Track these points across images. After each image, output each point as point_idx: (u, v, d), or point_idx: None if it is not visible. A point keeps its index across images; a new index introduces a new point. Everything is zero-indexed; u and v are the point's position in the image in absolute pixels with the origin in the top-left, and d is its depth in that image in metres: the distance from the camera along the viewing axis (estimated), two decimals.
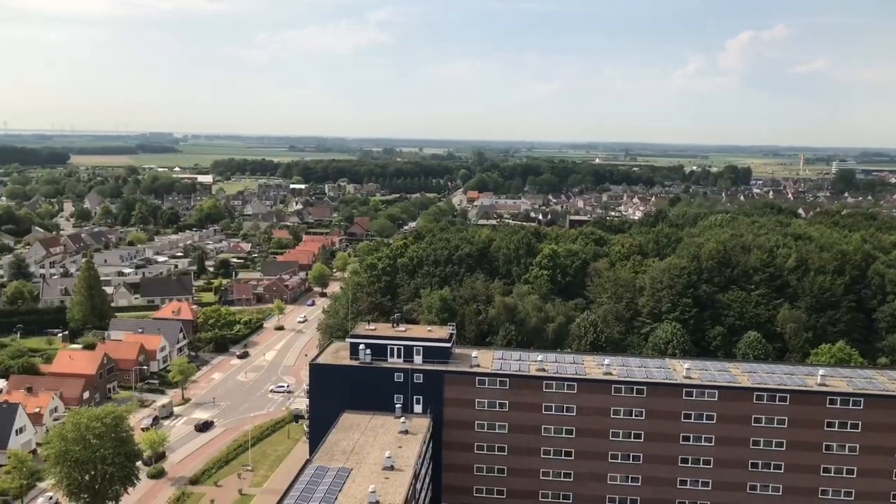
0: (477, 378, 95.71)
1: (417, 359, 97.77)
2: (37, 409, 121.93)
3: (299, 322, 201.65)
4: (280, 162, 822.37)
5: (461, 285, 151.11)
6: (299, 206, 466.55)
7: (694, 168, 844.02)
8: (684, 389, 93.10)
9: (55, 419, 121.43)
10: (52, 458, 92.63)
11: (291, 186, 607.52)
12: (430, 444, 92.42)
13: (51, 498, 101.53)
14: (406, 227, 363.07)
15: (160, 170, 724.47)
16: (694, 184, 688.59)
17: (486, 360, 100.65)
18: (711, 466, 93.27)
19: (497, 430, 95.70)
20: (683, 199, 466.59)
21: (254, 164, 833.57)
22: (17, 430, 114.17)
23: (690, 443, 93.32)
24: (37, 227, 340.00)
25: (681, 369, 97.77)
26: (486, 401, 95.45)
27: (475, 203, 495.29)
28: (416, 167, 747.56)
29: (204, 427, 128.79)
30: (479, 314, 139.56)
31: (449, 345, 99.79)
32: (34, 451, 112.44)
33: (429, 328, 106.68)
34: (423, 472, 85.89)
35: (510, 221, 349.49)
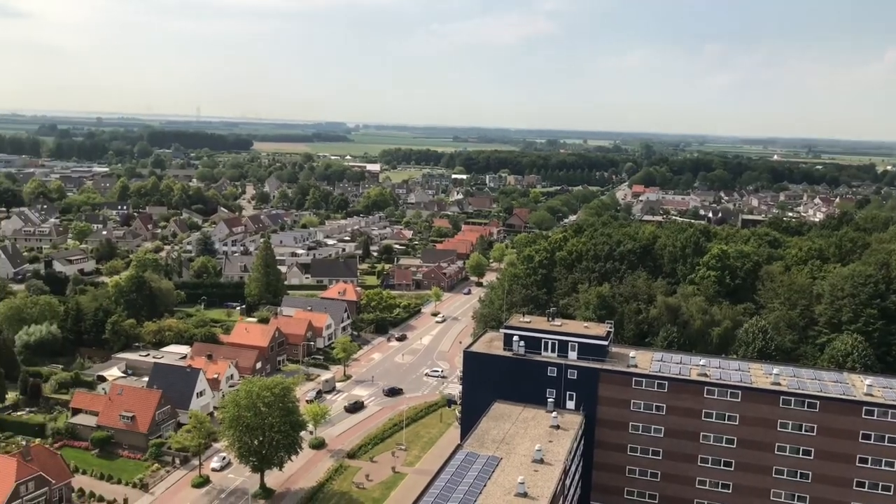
0: (634, 378, 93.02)
1: (572, 354, 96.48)
2: (215, 375, 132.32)
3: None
4: (444, 152, 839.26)
5: (621, 282, 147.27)
6: (460, 196, 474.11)
7: (888, 167, 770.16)
8: (864, 407, 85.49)
9: (230, 386, 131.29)
10: (227, 421, 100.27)
11: (453, 176, 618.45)
12: (582, 442, 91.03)
13: (224, 458, 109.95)
14: (566, 220, 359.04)
15: (333, 157, 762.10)
16: (887, 185, 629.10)
17: (644, 360, 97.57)
18: (892, 493, 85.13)
19: (652, 434, 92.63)
20: (874, 202, 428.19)
21: (419, 154, 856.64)
22: (198, 393, 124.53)
23: (868, 465, 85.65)
24: (222, 208, 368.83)
25: (861, 385, 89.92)
26: (642, 402, 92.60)
27: (640, 198, 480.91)
28: (579, 159, 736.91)
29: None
30: (640, 313, 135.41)
31: (606, 342, 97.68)
32: (211, 414, 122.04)
33: (585, 324, 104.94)
34: (573, 468, 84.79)
35: (677, 218, 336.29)
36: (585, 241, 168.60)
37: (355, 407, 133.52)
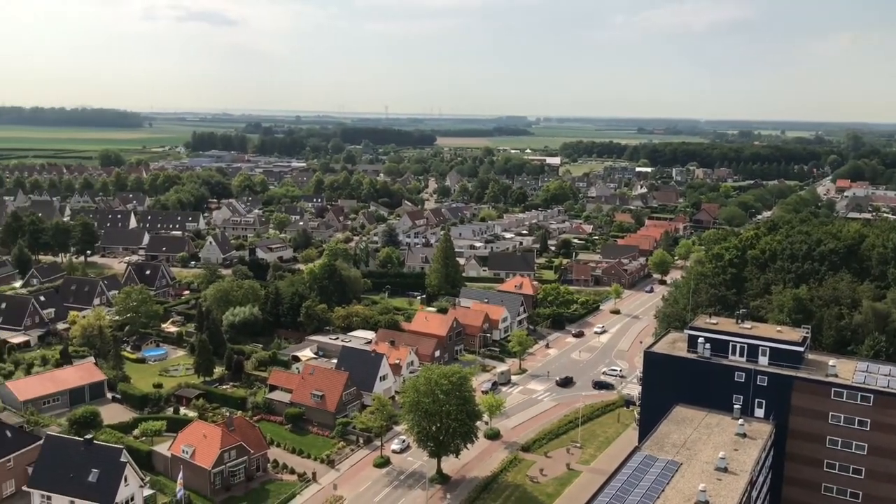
0: (833, 389, 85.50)
1: (763, 360, 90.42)
2: (397, 361, 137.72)
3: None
4: (627, 144, 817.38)
5: (821, 285, 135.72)
6: (644, 190, 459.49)
7: None
8: None
9: (411, 372, 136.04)
10: (407, 406, 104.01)
11: (637, 169, 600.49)
12: (771, 453, 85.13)
13: (404, 441, 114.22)
14: (759, 217, 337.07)
15: (513, 151, 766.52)
16: None
17: (846, 370, 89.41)
18: None
19: (854, 451, 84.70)
20: None
21: (601, 147, 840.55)
22: (381, 377, 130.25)
23: None
24: (406, 201, 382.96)
25: None
26: (842, 415, 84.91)
27: (845, 193, 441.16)
28: (775, 151, 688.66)
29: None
30: (842, 319, 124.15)
31: (802, 348, 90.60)
32: (393, 398, 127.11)
33: (778, 328, 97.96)
34: (760, 480, 79.54)
35: (889, 216, 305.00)
36: (781, 240, 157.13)
37: (566, 382, 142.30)
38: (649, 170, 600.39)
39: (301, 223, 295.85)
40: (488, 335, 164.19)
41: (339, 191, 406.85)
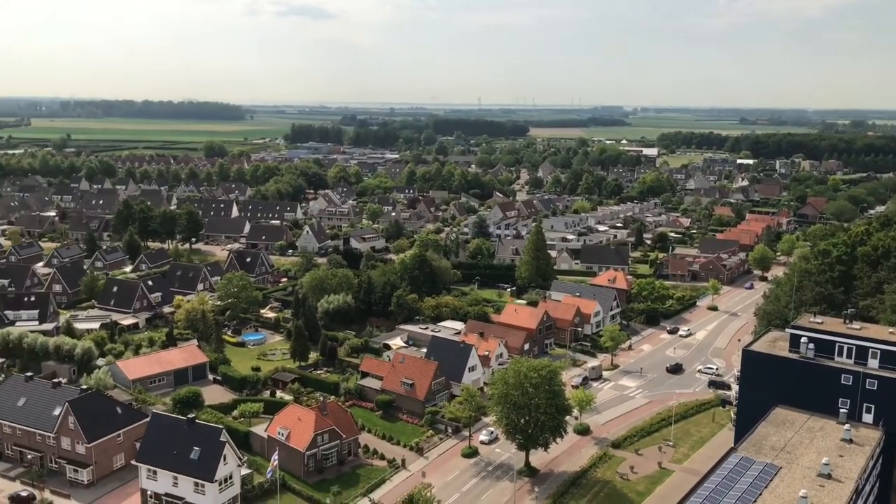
0: None
1: (873, 362, 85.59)
2: (486, 353, 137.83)
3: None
4: (728, 135, 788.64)
5: None
6: (745, 183, 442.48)
7: None
8: None
9: (500, 364, 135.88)
10: (495, 397, 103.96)
11: (738, 161, 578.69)
12: (880, 461, 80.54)
13: (492, 432, 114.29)
14: (871, 212, 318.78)
15: (608, 142, 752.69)
16: None
17: None
18: None
19: None
20: None
21: (700, 138, 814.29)
22: (469, 368, 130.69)
23: None
24: (497, 193, 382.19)
25: None
26: None
27: None
28: (890, 142, 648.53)
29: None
30: None
31: None
32: (482, 389, 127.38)
33: (891, 329, 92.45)
34: (867, 489, 75.39)
35: None
36: (895, 236, 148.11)
37: (676, 368, 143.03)
38: (751, 161, 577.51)
39: (393, 214, 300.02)
40: (579, 329, 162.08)
41: (430, 182, 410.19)
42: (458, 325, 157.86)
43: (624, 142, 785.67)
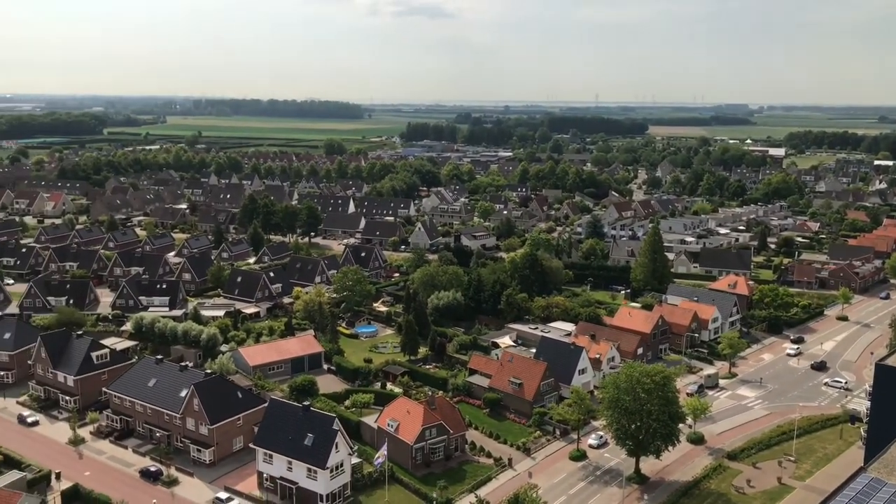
0: None
1: None
2: (597, 356, 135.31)
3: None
4: (865, 135, 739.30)
5: None
6: (883, 185, 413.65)
7: None
8: None
9: (611, 368, 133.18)
10: (606, 402, 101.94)
11: (875, 163, 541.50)
12: None
13: (601, 436, 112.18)
14: None
15: (731, 141, 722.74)
16: None
17: None
18: None
19: None
20: None
21: (833, 137, 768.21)
22: (580, 370, 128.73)
23: None
24: (613, 192, 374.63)
25: None
26: None
27: None
28: None
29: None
30: None
31: None
32: (591, 392, 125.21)
33: None
34: None
35: None
36: None
37: (821, 366, 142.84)
38: (891, 163, 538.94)
39: (505, 212, 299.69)
40: (696, 335, 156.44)
41: (544, 180, 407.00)
42: (569, 327, 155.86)
43: (748, 141, 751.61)
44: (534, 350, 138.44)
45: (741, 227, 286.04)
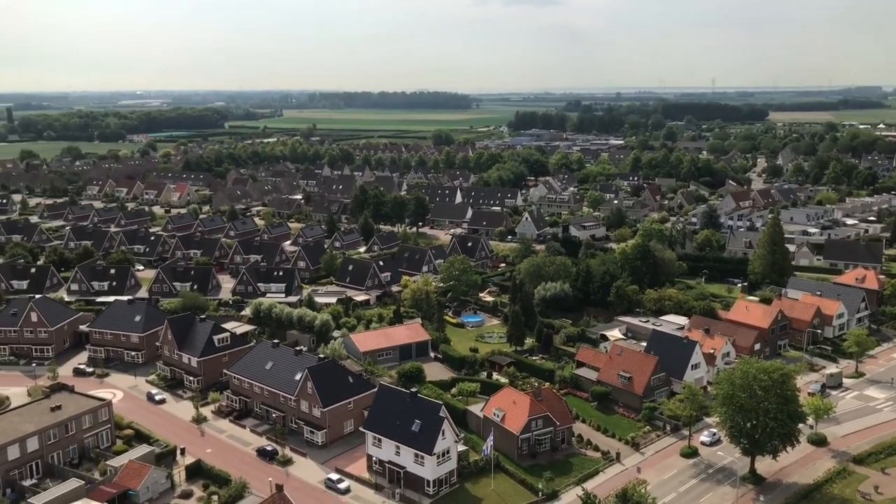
0: None
1: None
2: (711, 351, 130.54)
3: None
4: None
5: None
6: None
7: None
8: None
9: (726, 363, 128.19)
10: (720, 398, 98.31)
11: None
12: None
13: (714, 434, 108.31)
14: None
15: (861, 126, 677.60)
16: None
17: None
18: None
19: None
20: None
21: None
22: (692, 365, 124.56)
23: None
24: (730, 181, 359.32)
25: None
26: None
27: None
28: None
29: None
30: None
31: None
32: (705, 388, 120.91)
33: None
34: None
35: None
36: None
37: None
38: None
39: (615, 202, 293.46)
40: (819, 332, 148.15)
41: (656, 169, 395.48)
42: (682, 320, 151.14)
43: (882, 126, 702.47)
44: (644, 344, 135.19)
45: (871, 218, 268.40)
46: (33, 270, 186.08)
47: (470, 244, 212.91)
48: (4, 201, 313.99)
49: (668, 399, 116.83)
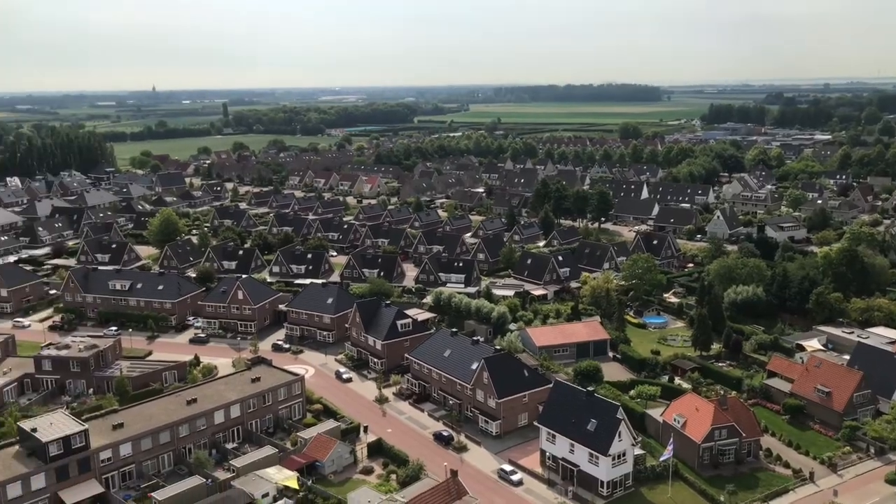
0: None
1: None
2: None
3: None
4: None
5: None
6: None
7: None
8: None
9: None
10: None
11: None
12: None
13: None
14: None
15: None
16: None
17: None
18: None
19: None
20: None
21: None
22: None
23: None
24: None
25: None
26: None
27: None
28: None
29: None
30: None
31: None
32: None
33: None
34: None
35: None
36: None
37: None
38: None
39: (819, 201, 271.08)
40: None
41: (868, 167, 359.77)
42: (893, 333, 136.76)
43: None
44: (847, 357, 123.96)
45: None
46: (241, 252, 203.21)
47: (655, 242, 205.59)
48: (219, 189, 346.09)
49: (873, 419, 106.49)
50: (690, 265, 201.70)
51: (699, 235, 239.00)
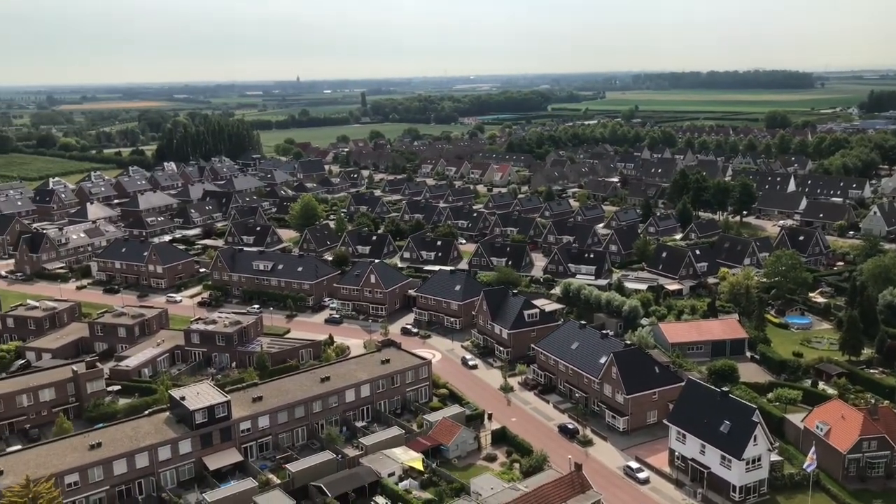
0: None
1: None
2: None
3: None
4: None
5: None
6: None
7: None
8: None
9: None
10: None
11: None
12: None
13: None
14: None
15: None
16: None
17: None
18: None
19: None
20: None
21: None
22: None
23: None
24: None
25: None
26: None
27: None
28: None
29: None
30: None
31: None
32: None
33: None
34: None
35: None
36: None
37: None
38: None
39: None
40: None
41: None
42: None
43: None
44: None
45: None
46: (374, 238, 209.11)
47: (801, 238, 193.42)
48: (355, 176, 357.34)
49: None
50: (840, 263, 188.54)
51: (852, 232, 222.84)
